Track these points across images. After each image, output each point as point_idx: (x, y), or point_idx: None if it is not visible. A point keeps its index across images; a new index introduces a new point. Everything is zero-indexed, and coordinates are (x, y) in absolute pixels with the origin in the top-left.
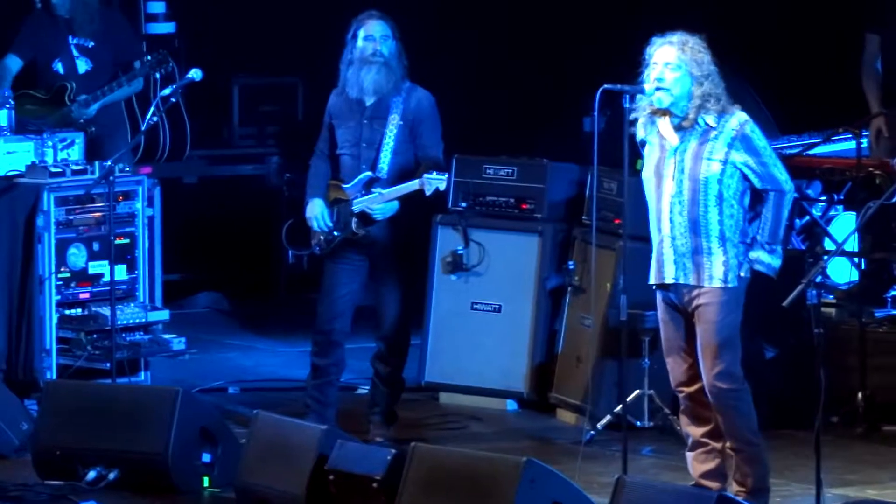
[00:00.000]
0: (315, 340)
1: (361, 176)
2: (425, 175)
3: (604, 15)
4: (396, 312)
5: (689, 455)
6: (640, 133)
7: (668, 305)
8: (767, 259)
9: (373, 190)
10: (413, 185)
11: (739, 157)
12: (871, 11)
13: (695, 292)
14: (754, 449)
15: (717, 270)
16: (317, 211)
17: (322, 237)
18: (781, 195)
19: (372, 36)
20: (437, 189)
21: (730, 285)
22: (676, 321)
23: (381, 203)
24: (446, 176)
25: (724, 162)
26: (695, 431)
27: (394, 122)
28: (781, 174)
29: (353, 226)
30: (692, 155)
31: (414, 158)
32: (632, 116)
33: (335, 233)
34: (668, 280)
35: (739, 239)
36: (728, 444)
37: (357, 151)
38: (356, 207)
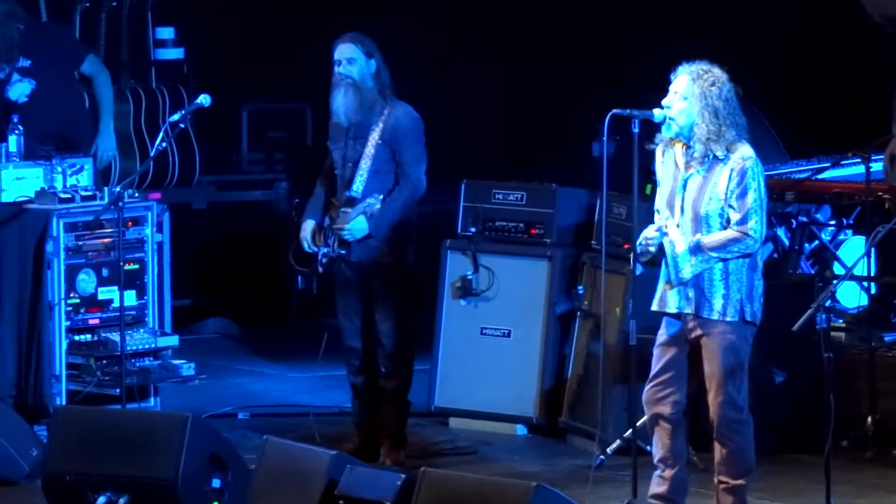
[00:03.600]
0: (346, 360)
1: (342, 196)
2: (367, 199)
3: (613, 40)
4: (390, 329)
5: (656, 479)
6: (658, 161)
7: (670, 331)
8: (688, 255)
9: (343, 211)
10: (362, 206)
11: (730, 187)
12: None
13: (696, 323)
14: (740, 488)
15: (717, 303)
16: (305, 233)
17: (319, 256)
18: (743, 236)
19: (339, 60)
20: (372, 211)
21: (728, 319)
22: (672, 348)
23: (347, 223)
24: (381, 197)
25: (726, 197)
26: (654, 453)
27: (373, 142)
28: (755, 224)
29: (335, 246)
30: (697, 187)
31: (395, 177)
32: (653, 146)
33: (324, 249)
34: (672, 310)
35: (746, 274)
36: (717, 476)
37: (343, 171)
38: (336, 227)
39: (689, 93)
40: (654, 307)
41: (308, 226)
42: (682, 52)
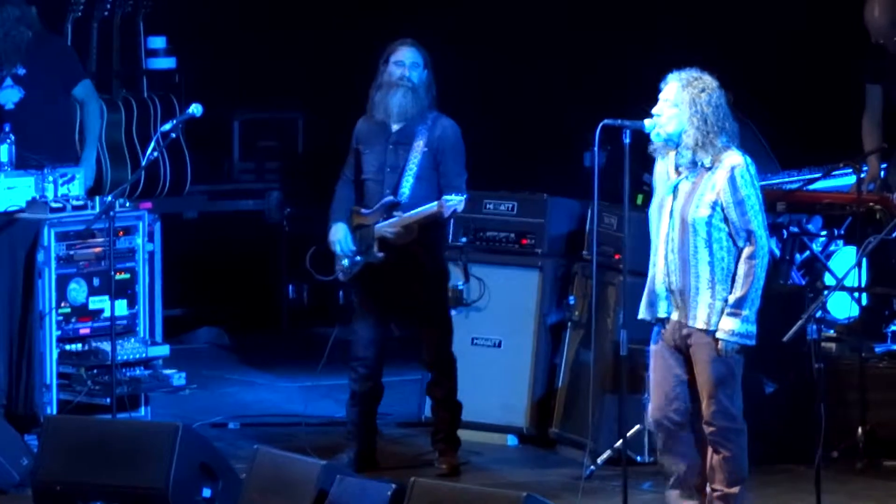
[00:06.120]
0: (351, 366)
1: (383, 200)
2: (444, 197)
3: (605, 49)
4: (435, 335)
5: (672, 493)
6: (657, 168)
7: (663, 339)
8: (732, 326)
9: (394, 214)
10: (432, 206)
11: (724, 199)
12: (872, 63)
13: (685, 331)
14: (733, 496)
15: (702, 312)
16: (340, 235)
17: (346, 262)
18: (752, 253)
19: (402, 62)
20: (454, 210)
21: (712, 328)
22: (667, 355)
23: (399, 227)
24: (464, 197)
25: (714, 205)
26: (675, 468)
27: (418, 149)
28: (758, 230)
29: (375, 250)
30: (685, 195)
31: (437, 186)
32: (652, 151)
33: (357, 258)
34: (661, 315)
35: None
36: (710, 484)
37: (381, 177)
38: (377, 232)
39: (679, 99)
40: (641, 315)
41: (340, 229)
42: (674, 63)
